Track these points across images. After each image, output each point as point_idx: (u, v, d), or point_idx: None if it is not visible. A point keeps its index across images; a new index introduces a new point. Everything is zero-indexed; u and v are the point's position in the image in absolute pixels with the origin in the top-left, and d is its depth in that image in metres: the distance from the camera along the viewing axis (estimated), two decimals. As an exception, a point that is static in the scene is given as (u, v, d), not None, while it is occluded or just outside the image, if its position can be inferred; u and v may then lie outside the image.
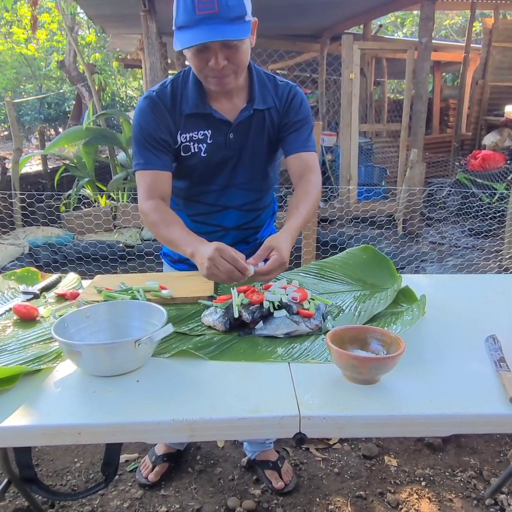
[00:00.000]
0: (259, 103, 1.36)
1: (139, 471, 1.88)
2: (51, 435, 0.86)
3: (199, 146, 1.37)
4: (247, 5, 1.17)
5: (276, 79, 1.42)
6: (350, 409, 0.88)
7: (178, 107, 1.35)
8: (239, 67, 1.25)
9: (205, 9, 1.11)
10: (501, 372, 0.97)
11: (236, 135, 1.38)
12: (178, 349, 1.07)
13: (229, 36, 1.14)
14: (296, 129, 1.41)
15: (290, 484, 1.82)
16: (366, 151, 6.10)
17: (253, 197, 1.51)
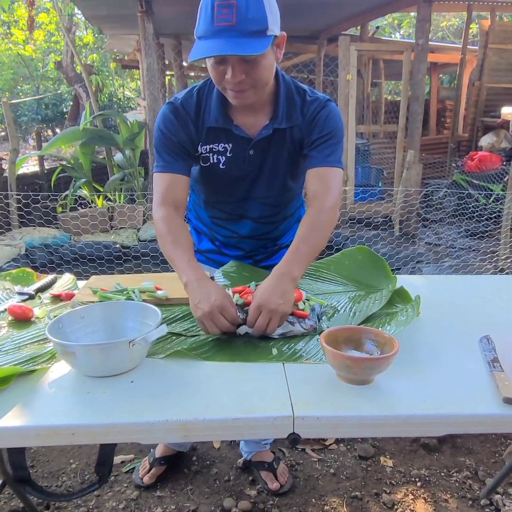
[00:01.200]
0: (282, 121, 1.30)
1: (137, 471, 1.89)
2: (45, 435, 0.86)
3: (218, 158, 1.35)
4: (270, 19, 1.10)
5: (306, 94, 1.33)
6: (344, 409, 0.88)
7: (201, 118, 1.33)
8: (258, 82, 1.19)
9: (223, 20, 1.07)
10: (495, 373, 0.98)
11: (256, 152, 1.34)
12: (173, 349, 1.08)
13: (240, 51, 1.08)
14: (319, 144, 1.32)
15: (286, 485, 1.82)
16: (363, 152, 6.11)
17: (270, 211, 1.48)
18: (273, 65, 1.21)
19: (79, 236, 4.93)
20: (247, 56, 1.11)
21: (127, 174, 5.87)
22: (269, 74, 1.21)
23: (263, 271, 1.51)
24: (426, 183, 6.19)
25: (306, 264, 1.21)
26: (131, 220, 5.09)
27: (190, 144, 1.33)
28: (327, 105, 1.33)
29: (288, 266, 1.17)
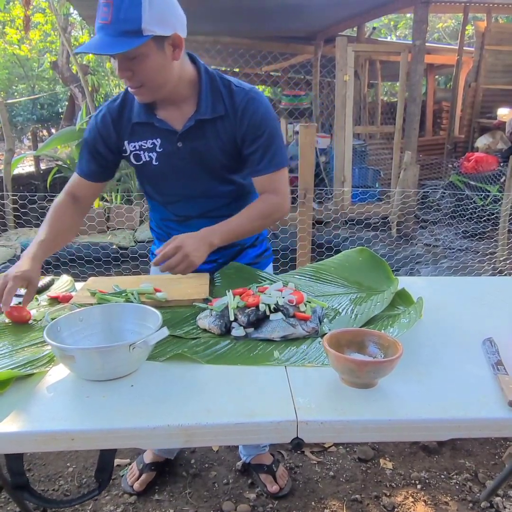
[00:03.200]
0: (206, 112, 1.32)
1: (125, 478, 1.85)
2: (43, 441, 0.84)
3: (149, 155, 1.38)
4: (147, 20, 1.12)
5: (232, 85, 1.35)
6: (348, 413, 0.87)
7: (126, 115, 1.37)
8: (147, 81, 1.23)
9: (102, 18, 1.14)
10: (499, 375, 0.97)
11: (185, 144, 1.35)
12: (173, 352, 1.06)
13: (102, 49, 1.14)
14: (257, 149, 1.35)
15: (285, 488, 1.81)
16: (360, 153, 6.11)
17: (215, 204, 1.46)
18: (166, 66, 1.23)
19: (76, 237, 4.90)
20: (128, 53, 1.15)
21: (123, 174, 5.84)
22: (159, 75, 1.23)
23: (263, 273, 1.50)
24: (423, 184, 6.19)
25: (229, 240, 1.35)
26: (128, 221, 5.07)
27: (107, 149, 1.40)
28: (253, 97, 1.34)
29: (213, 233, 1.30)
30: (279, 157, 1.39)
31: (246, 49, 6.81)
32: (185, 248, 1.23)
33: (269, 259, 1.67)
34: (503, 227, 3.89)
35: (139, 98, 1.30)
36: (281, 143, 1.40)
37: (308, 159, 2.71)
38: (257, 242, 1.61)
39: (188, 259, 1.23)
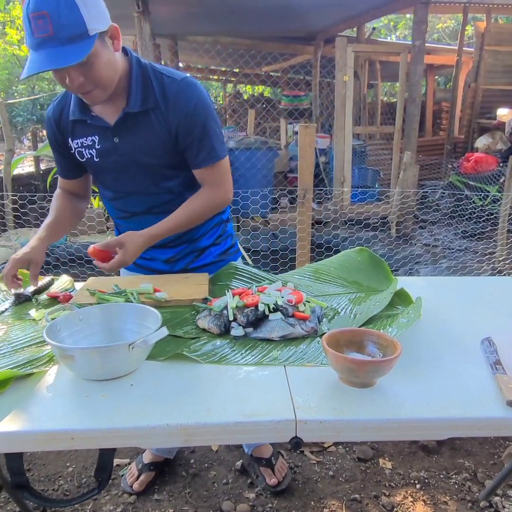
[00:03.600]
0: (135, 105, 1.29)
1: (125, 478, 1.85)
2: (43, 440, 0.84)
3: (90, 152, 1.38)
4: (89, 20, 1.10)
5: (164, 76, 1.32)
6: (347, 413, 0.87)
7: (66, 113, 1.37)
8: (100, 81, 1.20)
9: (41, 32, 1.08)
10: (498, 375, 0.97)
11: (121, 139, 1.34)
12: (173, 352, 1.06)
13: (61, 63, 1.09)
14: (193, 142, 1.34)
15: (284, 481, 1.81)
16: (360, 153, 6.11)
17: (158, 200, 1.44)
18: (112, 59, 1.21)
19: (75, 237, 4.90)
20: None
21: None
22: (109, 71, 1.21)
23: (262, 272, 1.51)
24: (422, 184, 6.19)
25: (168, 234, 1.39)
26: (128, 221, 5.06)
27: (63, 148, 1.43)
28: (186, 87, 1.31)
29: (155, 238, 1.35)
30: (216, 149, 1.37)
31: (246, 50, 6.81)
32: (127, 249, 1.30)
33: (236, 255, 1.67)
34: (502, 227, 3.89)
35: (92, 101, 1.26)
36: (217, 133, 1.37)
37: (308, 159, 2.71)
38: (220, 240, 1.60)
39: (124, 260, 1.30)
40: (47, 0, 1.06)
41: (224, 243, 1.62)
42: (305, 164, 2.71)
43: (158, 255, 1.54)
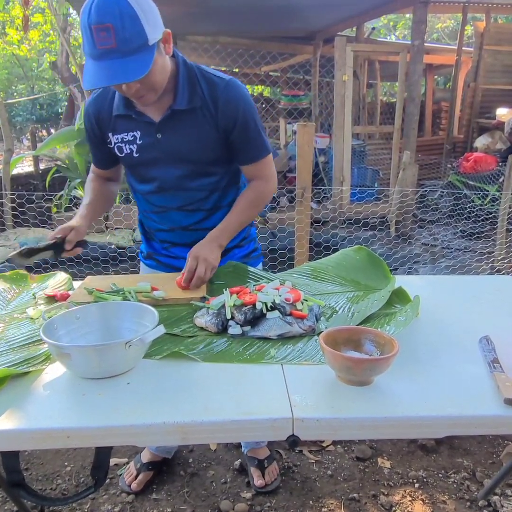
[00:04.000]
0: (181, 103, 1.33)
1: (123, 478, 1.84)
2: (39, 439, 0.84)
3: (130, 147, 1.41)
4: (149, 30, 1.13)
5: (212, 77, 1.37)
6: (344, 411, 0.87)
7: (107, 108, 1.40)
8: (154, 86, 1.25)
9: (104, 44, 1.10)
10: (495, 373, 0.97)
11: (164, 135, 1.37)
12: (170, 350, 1.06)
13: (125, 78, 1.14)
14: (241, 137, 1.39)
15: (272, 485, 1.81)
16: (359, 153, 6.11)
17: (193, 197, 1.48)
18: (164, 64, 1.26)
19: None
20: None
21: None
22: (163, 75, 1.26)
23: (260, 272, 1.50)
24: (421, 184, 6.19)
25: (233, 235, 1.46)
26: (127, 220, 5.06)
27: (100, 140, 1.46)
28: (234, 87, 1.37)
29: (220, 235, 1.42)
30: (263, 145, 1.45)
31: (245, 49, 6.81)
32: (202, 255, 1.34)
33: (258, 259, 1.68)
34: (501, 226, 3.89)
35: (144, 103, 1.31)
36: (262, 131, 1.45)
37: (306, 158, 2.71)
38: (244, 242, 1.62)
39: (209, 263, 1.34)
40: (111, 13, 1.08)
41: (248, 246, 1.64)
42: (303, 163, 2.71)
43: (183, 253, 1.54)
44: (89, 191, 1.55)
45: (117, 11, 1.08)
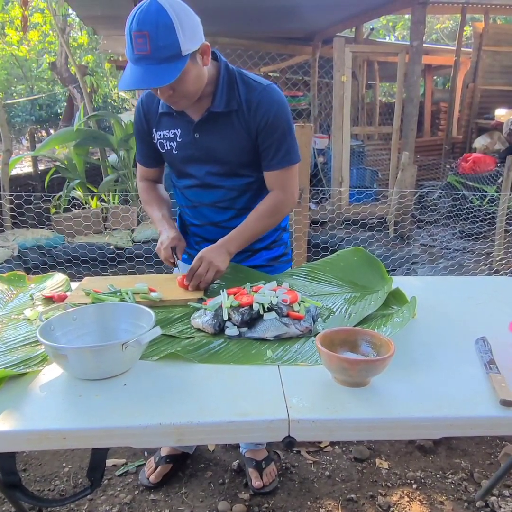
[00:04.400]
0: (219, 106, 1.38)
1: (143, 471, 1.88)
2: (36, 440, 0.84)
3: (170, 144, 1.48)
4: (183, 41, 1.18)
5: (251, 81, 1.41)
6: (340, 412, 0.87)
7: (155, 105, 1.47)
8: (187, 93, 1.30)
9: (140, 50, 1.18)
10: (491, 374, 0.97)
11: (202, 135, 1.42)
12: (167, 352, 1.06)
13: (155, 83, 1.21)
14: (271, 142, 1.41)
15: (269, 486, 1.81)
16: (358, 153, 6.11)
17: (226, 195, 1.51)
18: (200, 74, 1.30)
19: (72, 237, 4.89)
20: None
21: (121, 175, 5.84)
22: (196, 85, 1.31)
23: (258, 272, 1.51)
24: (420, 184, 6.20)
25: (244, 245, 1.47)
26: (125, 221, 5.06)
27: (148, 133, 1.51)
28: (270, 92, 1.41)
29: (230, 242, 1.42)
30: (292, 154, 1.46)
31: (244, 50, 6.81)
32: (207, 257, 1.36)
33: (286, 264, 1.68)
34: (500, 227, 3.89)
35: (178, 108, 1.37)
36: (294, 140, 1.46)
37: (304, 159, 2.71)
38: (274, 245, 1.64)
39: (213, 265, 1.35)
40: (149, 22, 1.15)
41: (277, 250, 1.65)
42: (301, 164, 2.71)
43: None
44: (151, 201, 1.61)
45: (154, 20, 1.15)
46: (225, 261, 1.39)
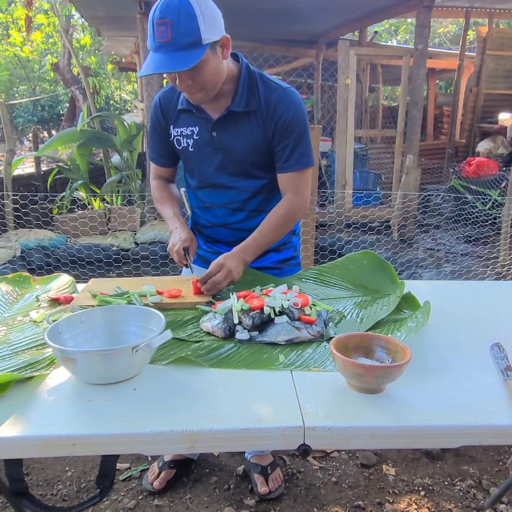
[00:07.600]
0: (239, 105, 1.38)
1: (147, 477, 1.85)
2: (44, 446, 0.82)
3: (187, 141, 1.48)
4: (204, 30, 1.19)
5: (271, 83, 1.41)
6: (356, 419, 0.85)
7: (174, 102, 1.47)
8: (206, 85, 1.29)
9: (161, 37, 1.20)
10: (509, 382, 0.95)
11: (219, 134, 1.42)
12: (176, 356, 1.04)
13: (173, 67, 1.21)
14: (286, 144, 1.40)
15: (275, 492, 1.78)
16: (361, 156, 6.10)
17: (238, 196, 1.50)
18: (219, 66, 1.30)
19: (76, 238, 4.87)
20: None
21: (124, 176, 5.83)
22: (215, 76, 1.30)
23: (267, 275, 1.49)
24: (424, 188, 6.18)
25: (259, 252, 1.45)
26: (129, 222, 5.05)
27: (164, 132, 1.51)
28: (288, 95, 1.40)
29: (246, 251, 1.40)
30: (306, 157, 1.45)
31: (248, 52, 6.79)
32: (227, 265, 1.33)
33: (295, 268, 1.66)
34: (506, 232, 3.87)
35: (196, 101, 1.36)
36: (309, 143, 1.45)
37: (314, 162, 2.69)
38: (282, 247, 1.62)
39: (231, 274, 1.33)
40: (171, 9, 1.17)
41: (286, 252, 1.64)
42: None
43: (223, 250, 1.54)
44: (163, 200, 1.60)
45: (176, 8, 1.17)
46: (241, 272, 1.38)
